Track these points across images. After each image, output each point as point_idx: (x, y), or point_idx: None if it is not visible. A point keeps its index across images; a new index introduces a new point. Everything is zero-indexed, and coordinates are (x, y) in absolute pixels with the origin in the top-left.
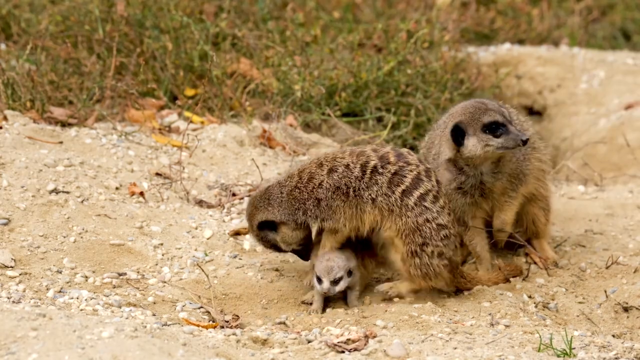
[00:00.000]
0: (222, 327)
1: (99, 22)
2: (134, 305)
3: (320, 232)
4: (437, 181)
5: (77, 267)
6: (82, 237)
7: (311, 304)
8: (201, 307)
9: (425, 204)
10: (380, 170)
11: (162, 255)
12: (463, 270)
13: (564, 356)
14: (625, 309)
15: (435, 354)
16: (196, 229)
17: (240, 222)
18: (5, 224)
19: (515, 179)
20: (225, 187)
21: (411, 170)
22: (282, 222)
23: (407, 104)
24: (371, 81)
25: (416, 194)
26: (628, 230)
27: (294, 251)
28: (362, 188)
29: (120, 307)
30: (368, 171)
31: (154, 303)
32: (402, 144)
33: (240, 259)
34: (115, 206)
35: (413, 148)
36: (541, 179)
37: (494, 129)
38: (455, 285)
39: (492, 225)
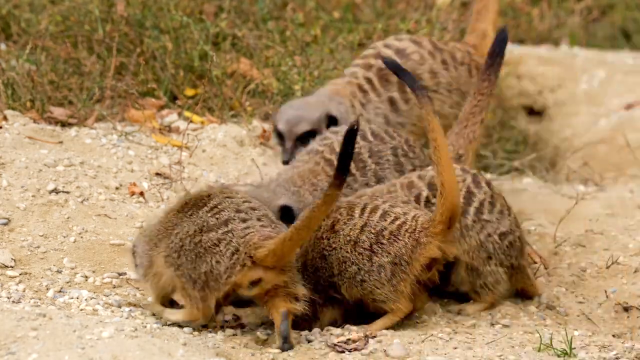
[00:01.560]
0: (222, 327)
1: (99, 22)
2: (134, 305)
3: None
4: (488, 184)
5: (77, 267)
6: (82, 237)
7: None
8: None
9: (483, 216)
10: (433, 200)
11: None
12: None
13: (564, 356)
14: (626, 309)
15: (435, 354)
16: None
17: None
18: (5, 224)
19: None
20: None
21: (460, 189)
22: None
23: None
24: None
25: (471, 210)
26: (628, 230)
27: None
28: None
29: (120, 307)
30: (422, 203)
31: None
32: None
33: None
34: (115, 206)
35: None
36: None
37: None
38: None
39: None
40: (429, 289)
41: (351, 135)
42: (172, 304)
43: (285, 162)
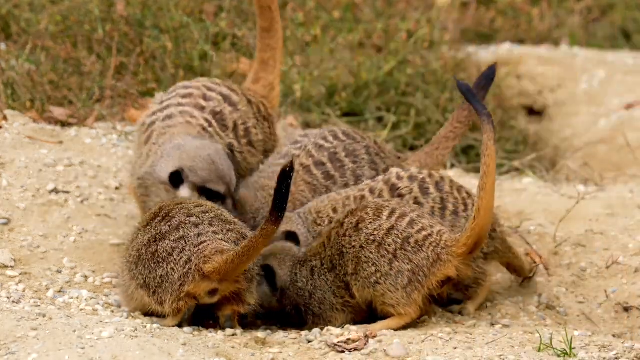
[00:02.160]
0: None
1: (99, 22)
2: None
3: None
4: (438, 187)
5: (77, 267)
6: (82, 237)
7: None
8: None
9: None
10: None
11: None
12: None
13: (564, 356)
14: (626, 309)
15: (435, 354)
16: None
17: None
18: (5, 224)
19: None
20: None
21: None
22: None
23: (407, 104)
24: (371, 81)
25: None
26: (628, 230)
27: None
28: None
29: (120, 307)
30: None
31: None
32: (402, 143)
33: None
34: (115, 206)
35: (413, 148)
36: None
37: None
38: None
39: None
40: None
41: (286, 175)
42: None
43: None
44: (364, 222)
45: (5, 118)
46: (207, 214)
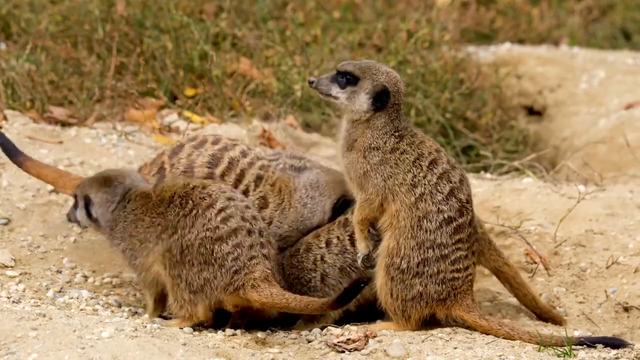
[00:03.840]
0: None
1: (99, 22)
2: (134, 306)
3: None
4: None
5: (77, 267)
6: (82, 237)
7: None
8: None
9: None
10: None
11: None
12: None
13: (564, 356)
14: (626, 309)
15: (435, 354)
16: None
17: None
18: (5, 224)
19: None
20: None
21: None
22: None
23: (407, 104)
24: None
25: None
26: (628, 230)
27: None
28: None
29: (120, 307)
30: None
31: None
32: None
33: None
34: None
35: None
36: None
37: None
38: None
39: None
40: None
41: (358, 286)
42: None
43: None
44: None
45: (5, 118)
46: (258, 222)
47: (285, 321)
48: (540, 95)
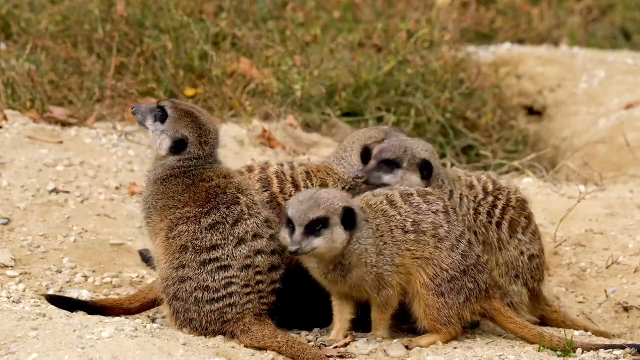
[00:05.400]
0: None
1: (99, 22)
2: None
3: None
4: None
5: (77, 267)
6: (82, 237)
7: None
8: None
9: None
10: None
11: None
12: None
13: (564, 356)
14: (626, 309)
15: (435, 354)
16: None
17: None
18: (5, 224)
19: None
20: None
21: None
22: None
23: (407, 104)
24: (371, 81)
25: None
26: (628, 230)
27: None
28: None
29: None
30: None
31: None
32: None
33: None
34: (115, 206)
35: None
36: None
37: None
38: None
39: None
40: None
41: None
42: None
43: None
44: None
45: (5, 118)
46: (274, 243)
47: (285, 322)
48: (540, 95)
